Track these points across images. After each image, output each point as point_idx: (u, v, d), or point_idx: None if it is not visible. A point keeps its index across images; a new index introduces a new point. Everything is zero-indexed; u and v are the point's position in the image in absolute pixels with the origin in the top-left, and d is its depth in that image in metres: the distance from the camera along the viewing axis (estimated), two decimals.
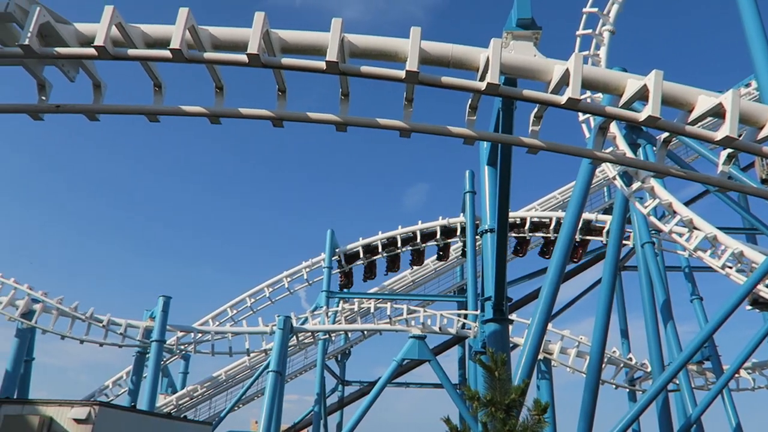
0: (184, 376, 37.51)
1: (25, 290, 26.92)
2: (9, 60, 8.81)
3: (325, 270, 33.66)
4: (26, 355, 29.19)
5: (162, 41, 8.58)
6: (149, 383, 26.98)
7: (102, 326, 27.92)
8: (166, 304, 28.26)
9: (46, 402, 14.41)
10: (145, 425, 17.08)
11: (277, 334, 25.33)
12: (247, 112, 9.11)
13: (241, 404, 34.82)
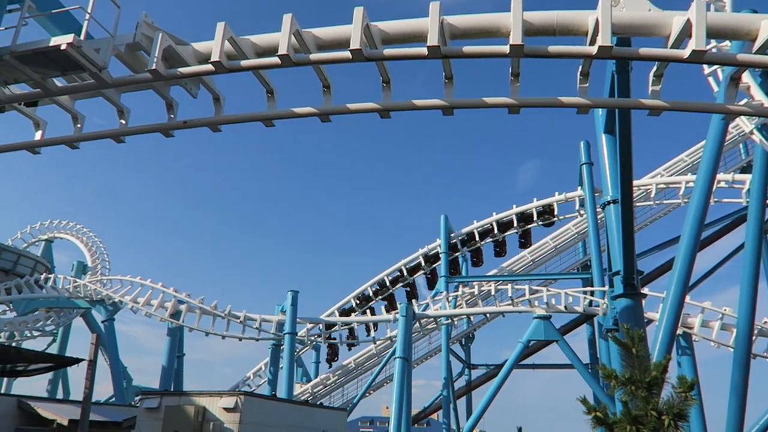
0: (316, 365, 39.32)
1: (171, 293, 29.55)
2: (140, 85, 9.68)
3: (442, 255, 33.70)
4: (178, 352, 32.14)
5: (270, 49, 8.99)
6: (286, 373, 28.58)
7: (239, 322, 29.98)
8: (295, 298, 29.75)
9: (199, 393, 15.70)
10: (286, 412, 18.10)
11: (401, 321, 25.78)
12: (355, 107, 9.31)
13: (372, 390, 35.88)
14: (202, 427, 14.83)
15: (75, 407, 19.93)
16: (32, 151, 10.87)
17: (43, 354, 20.70)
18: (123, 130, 10.24)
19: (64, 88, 9.65)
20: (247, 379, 38.00)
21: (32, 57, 8.57)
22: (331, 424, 19.91)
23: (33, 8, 8.79)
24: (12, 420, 18.80)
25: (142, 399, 16.51)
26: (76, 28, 8.80)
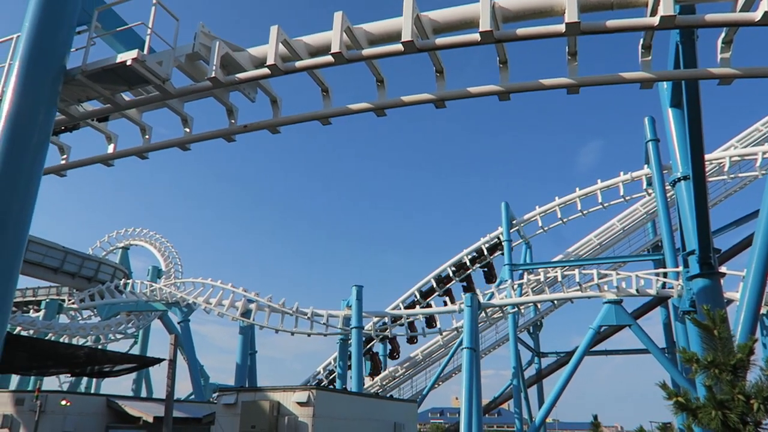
0: (384, 358, 39.66)
1: (241, 293, 30.51)
2: (201, 93, 10.01)
3: (505, 243, 33.23)
4: (250, 349, 33.18)
5: (323, 48, 9.09)
6: (355, 367, 28.99)
7: (307, 318, 30.62)
8: (359, 292, 30.11)
9: (273, 389, 16.15)
10: (357, 405, 18.36)
11: (466, 312, 25.60)
12: (410, 99, 9.29)
13: (441, 382, 35.87)
14: (277, 421, 15.24)
15: (158, 405, 20.92)
16: (106, 164, 11.47)
17: (127, 355, 21.82)
18: (188, 138, 10.64)
19: (131, 102, 10.11)
20: (317, 373, 38.78)
21: (101, 74, 9.02)
22: (402, 415, 20.04)
23: (99, 28, 9.24)
24: (102, 418, 19.92)
25: (219, 396, 17.13)
26: (140, 43, 9.20)
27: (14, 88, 8.48)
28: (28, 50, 8.62)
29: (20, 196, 8.25)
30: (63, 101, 9.50)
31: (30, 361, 14.22)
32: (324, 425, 15.29)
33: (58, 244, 36.05)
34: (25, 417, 18.24)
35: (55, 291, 39.87)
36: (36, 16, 8.76)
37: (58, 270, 36.02)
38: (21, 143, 8.34)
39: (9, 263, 8.01)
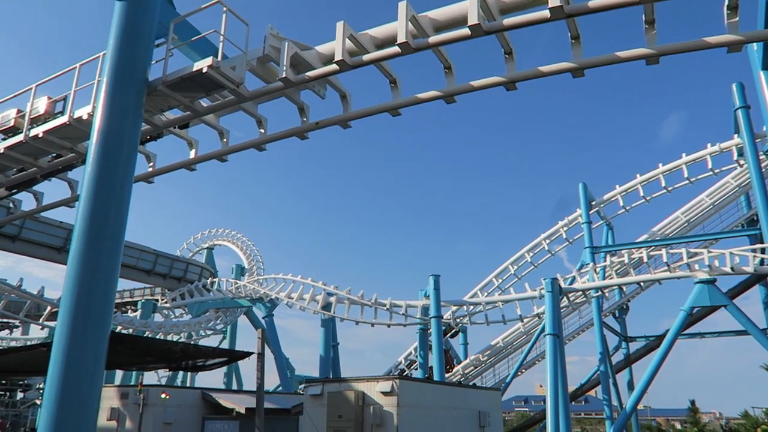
0: (464, 347, 39.48)
1: (321, 287, 31.23)
2: (273, 94, 10.28)
3: (584, 226, 32.15)
4: (332, 341, 33.93)
5: (389, 39, 9.10)
6: (435, 356, 29.02)
7: (386, 309, 30.93)
8: (437, 282, 30.07)
9: (357, 379, 16.44)
10: (440, 393, 18.37)
11: (547, 297, 25.02)
12: (479, 83, 9.15)
13: (524, 369, 35.29)
14: (362, 410, 15.51)
15: (249, 396, 21.82)
16: (189, 169, 12.03)
17: (218, 350, 22.88)
18: (263, 139, 10.97)
19: (209, 108, 10.54)
20: (399, 363, 39.12)
21: (180, 83, 9.45)
22: (486, 403, 19.88)
23: (176, 39, 9.68)
24: (198, 410, 21.03)
25: (306, 387, 17.64)
26: (213, 50, 9.56)
27: (104, 104, 9.04)
28: (114, 66, 9.16)
29: (115, 204, 8.80)
30: (147, 112, 10.04)
31: (131, 357, 15.21)
32: (409, 414, 15.41)
33: (149, 248, 38.28)
34: (130, 409, 19.56)
35: (149, 291, 42.39)
36: (118, 34, 9.28)
37: (151, 272, 38.29)
38: (112, 154, 8.89)
39: (109, 267, 8.58)
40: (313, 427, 15.93)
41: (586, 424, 71.90)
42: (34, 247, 31.09)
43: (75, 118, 10.77)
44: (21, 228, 29.50)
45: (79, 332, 8.11)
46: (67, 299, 8.23)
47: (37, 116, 11.52)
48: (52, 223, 31.10)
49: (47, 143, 11.64)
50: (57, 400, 7.77)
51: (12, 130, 12.02)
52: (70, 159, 12.55)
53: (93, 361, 8.16)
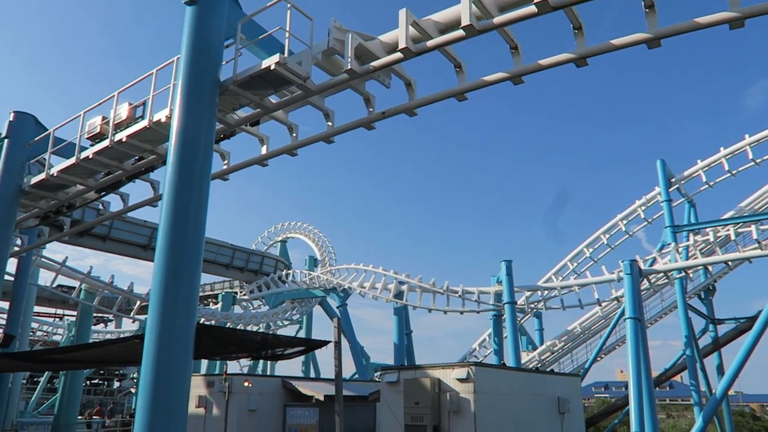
0: (540, 332, 38.75)
1: (392, 276, 31.49)
2: (339, 87, 10.40)
3: (664, 204, 30.67)
4: (406, 329, 34.15)
5: (452, 23, 8.98)
6: (510, 342, 28.67)
7: (458, 296, 30.81)
8: (509, 267, 29.64)
9: (432, 366, 16.48)
10: (517, 380, 18.12)
11: (626, 280, 24.11)
12: (547, 62, 8.89)
13: (603, 354, 34.24)
14: (439, 397, 15.54)
15: (327, 384, 22.35)
16: (261, 164, 12.39)
17: (296, 339, 23.51)
18: (331, 131, 11.13)
19: (278, 104, 10.79)
20: (473, 350, 38.93)
21: (250, 81, 9.73)
22: (565, 389, 19.42)
23: (243, 39, 9.95)
24: (279, 397, 21.76)
25: (382, 374, 17.85)
26: (279, 47, 9.77)
27: (180, 106, 9.45)
28: (187, 70, 9.54)
29: (194, 202, 9.20)
30: (220, 111, 10.40)
31: (215, 347, 15.84)
32: (486, 400, 15.30)
33: (226, 242, 39.83)
34: (215, 397, 20.50)
35: (228, 285, 44.15)
36: (190, 38, 9.66)
37: (229, 266, 39.88)
38: (190, 154, 9.29)
39: (192, 262, 9.00)
40: (391, 414, 16.13)
41: (671, 411, 69.07)
42: (122, 246, 33.06)
43: (154, 121, 11.32)
44: (110, 228, 31.42)
45: (168, 324, 8.56)
46: (156, 294, 8.70)
47: (120, 122, 12.18)
48: (137, 222, 32.92)
49: (130, 147, 12.30)
50: (151, 388, 8.25)
51: (98, 136, 12.77)
52: (151, 161, 13.21)
53: (182, 352, 8.60)
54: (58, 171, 13.91)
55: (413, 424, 15.42)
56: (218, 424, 19.06)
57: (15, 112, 15.78)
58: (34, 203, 16.01)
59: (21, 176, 15.27)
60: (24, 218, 16.52)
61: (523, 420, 16.62)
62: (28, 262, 22.88)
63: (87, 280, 30.04)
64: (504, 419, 15.80)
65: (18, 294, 21.93)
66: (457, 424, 14.99)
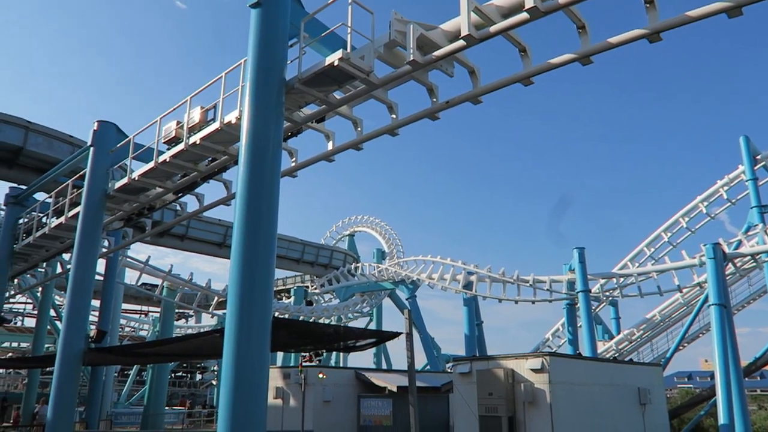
0: (616, 321, 37.50)
1: (460, 266, 31.31)
2: (402, 79, 10.39)
3: (749, 183, 28.90)
4: (476, 320, 33.90)
5: (516, 6, 8.77)
6: (585, 332, 27.89)
7: (529, 285, 30.27)
8: (581, 255, 28.81)
9: (506, 356, 16.28)
10: (594, 370, 17.63)
11: (709, 264, 22.87)
12: (617, 39, 8.54)
13: (686, 343, 32.71)
14: (513, 388, 15.34)
15: (399, 375, 22.54)
16: (328, 160, 12.59)
17: (367, 331, 23.92)
18: (395, 124, 11.16)
19: (342, 99, 10.92)
20: (546, 340, 38.16)
21: (314, 79, 9.90)
22: (646, 380, 18.71)
23: (307, 37, 10.12)
24: (353, 388, 22.16)
25: (454, 365, 17.80)
26: (341, 42, 9.86)
27: (248, 106, 9.74)
28: (255, 71, 9.81)
29: (266, 199, 9.48)
30: (287, 110, 10.63)
31: (289, 340, 16.33)
32: (561, 391, 14.99)
33: (297, 238, 40.79)
34: (292, 389, 21.11)
35: (300, 279, 45.24)
36: (256, 40, 9.92)
37: (300, 260, 40.83)
38: (260, 154, 9.57)
39: (266, 258, 9.28)
40: (465, 405, 16.07)
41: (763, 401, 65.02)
42: (198, 244, 34.51)
43: (225, 123, 11.71)
44: (187, 227, 32.87)
45: (245, 319, 8.88)
46: (234, 289, 9.04)
47: (193, 125, 12.69)
48: (212, 221, 34.27)
49: (204, 149, 12.80)
50: (233, 380, 8.60)
51: (174, 140, 13.36)
52: (224, 161, 13.70)
53: (260, 344, 8.90)
54: (139, 175, 14.68)
55: (487, 415, 15.31)
56: (296, 414, 19.62)
57: (99, 122, 16.76)
58: (119, 206, 16.96)
59: (106, 181, 16.22)
60: (110, 221, 17.53)
61: (602, 411, 16.16)
62: (116, 262, 24.32)
63: (168, 278, 31.61)
64: (581, 410, 15.42)
65: (107, 292, 23.35)
66: (533, 415, 14.77)
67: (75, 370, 15.32)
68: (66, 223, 17.94)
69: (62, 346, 15.15)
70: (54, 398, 14.80)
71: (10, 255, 22.11)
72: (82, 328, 15.75)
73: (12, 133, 23.25)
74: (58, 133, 24.55)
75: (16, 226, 22.09)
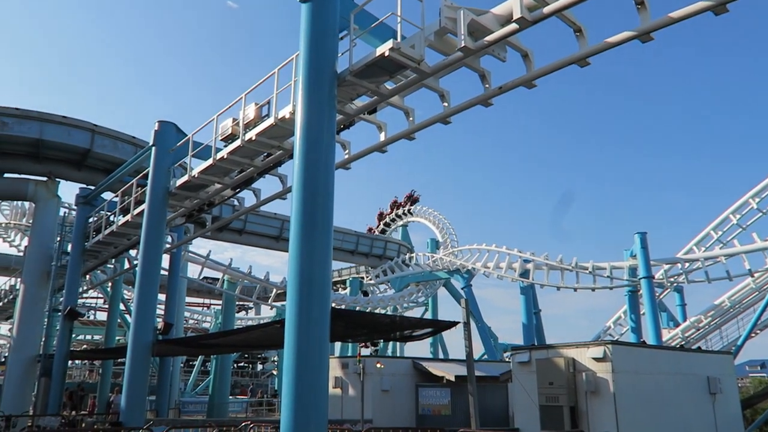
0: (681, 308, 36.18)
1: (516, 254, 30.86)
2: (453, 66, 10.27)
3: None
4: (534, 308, 33.38)
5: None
6: (649, 319, 27.06)
7: (588, 272, 29.53)
8: (644, 239, 27.91)
9: (566, 345, 15.97)
10: (661, 358, 17.06)
11: None
12: (679, 13, 8.16)
13: (758, 330, 31.20)
14: (574, 377, 15.05)
15: (456, 365, 22.48)
16: (381, 151, 12.61)
17: (424, 320, 23.94)
18: (448, 112, 11.05)
19: (394, 89, 10.89)
20: (608, 328, 37.23)
21: (365, 70, 9.91)
22: (716, 368, 17.96)
23: (357, 29, 10.14)
24: (411, 378, 22.25)
25: (513, 354, 17.61)
26: (391, 32, 9.82)
27: (302, 101, 9.86)
28: (307, 65, 9.91)
29: (321, 192, 9.58)
30: (339, 102, 10.70)
31: (347, 330, 16.54)
32: (625, 380, 14.60)
33: (350, 230, 41.18)
34: (350, 378, 21.40)
35: (355, 270, 45.70)
36: (307, 34, 10.01)
37: (354, 252, 41.22)
38: (315, 147, 9.67)
39: (323, 250, 9.40)
40: (524, 394, 15.89)
41: None
42: (256, 238, 35.38)
43: (279, 118, 11.90)
44: (245, 222, 33.74)
45: (305, 310, 9.04)
46: (293, 282, 9.21)
47: (248, 122, 12.97)
48: (268, 215, 35.04)
49: (259, 144, 13.06)
50: (294, 370, 8.77)
51: (231, 137, 13.71)
52: (279, 156, 13.94)
53: (319, 335, 9.05)
54: (198, 172, 15.14)
55: (548, 404, 15.09)
56: (355, 403, 19.90)
57: (159, 122, 17.38)
58: (180, 203, 17.56)
59: (168, 179, 16.82)
60: (173, 217, 18.19)
61: (669, 401, 15.64)
62: (179, 257, 25.26)
63: (228, 271, 32.58)
64: (647, 400, 14.99)
65: (172, 286, 24.30)
66: (596, 405, 14.45)
67: (145, 361, 16.03)
68: (132, 221, 18.73)
69: (132, 338, 15.88)
70: (127, 387, 15.55)
71: (82, 252, 23.29)
72: (150, 320, 16.46)
73: (80, 136, 24.46)
74: (122, 135, 25.66)
75: (87, 225, 23.24)
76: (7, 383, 23.52)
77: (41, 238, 25.16)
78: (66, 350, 22.31)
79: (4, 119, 23.38)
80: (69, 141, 24.22)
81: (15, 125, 23.45)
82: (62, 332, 22.53)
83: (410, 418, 21.07)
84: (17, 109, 23.74)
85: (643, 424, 14.59)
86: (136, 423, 14.45)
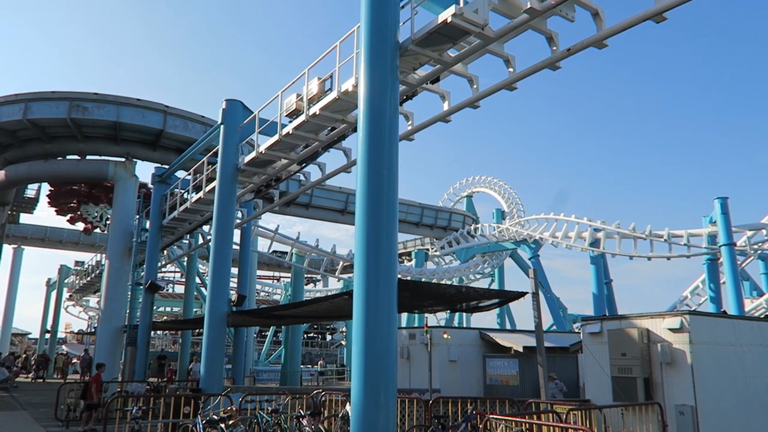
0: (766, 276, 34.22)
1: (586, 223, 29.98)
2: (519, 29, 9.94)
3: None
4: (605, 278, 32.47)
5: None
6: (731, 288, 25.77)
7: (663, 240, 28.35)
8: (724, 205, 26.42)
9: (640, 315, 15.46)
10: (743, 329, 16.23)
11: None
12: None
13: None
14: (649, 348, 14.61)
15: (524, 336, 22.27)
16: (445, 121, 12.45)
17: (492, 291, 23.75)
18: (514, 77, 10.73)
19: (457, 57, 10.67)
20: (684, 298, 35.79)
21: (428, 38, 9.74)
22: None
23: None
24: (478, 348, 22.24)
25: (584, 325, 17.23)
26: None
27: (364, 73, 9.81)
28: (368, 36, 9.84)
29: (386, 164, 9.57)
30: (402, 73, 10.59)
31: (413, 301, 16.65)
32: (704, 352, 14.01)
33: (415, 201, 41.19)
34: (416, 349, 21.63)
35: (420, 242, 45.80)
36: (368, 5, 9.90)
37: (419, 224, 41.26)
38: (378, 119, 9.64)
39: (389, 222, 9.45)
40: (596, 365, 15.57)
41: None
42: (322, 212, 36.04)
43: (342, 91, 11.93)
44: (311, 196, 34.40)
45: (372, 281, 9.15)
46: (360, 254, 9.32)
47: (312, 97, 13.08)
48: (333, 189, 35.55)
49: (323, 118, 13.17)
50: (363, 340, 8.94)
51: (295, 112, 13.89)
52: (342, 129, 14.02)
53: (387, 305, 9.15)
54: (265, 148, 15.48)
55: (621, 375, 14.73)
56: (423, 373, 20.12)
57: (226, 100, 17.83)
58: (249, 179, 18.06)
59: (236, 156, 17.31)
60: (242, 193, 18.75)
61: (753, 374, 14.92)
62: (249, 232, 26.10)
63: (297, 245, 33.41)
64: (727, 373, 14.35)
65: (244, 260, 25.19)
66: (672, 377, 13.99)
67: (221, 331, 16.78)
68: (204, 198, 19.45)
69: (209, 310, 16.63)
70: (205, 356, 16.36)
71: (159, 229, 24.48)
72: (224, 293, 17.16)
73: (153, 117, 25.52)
74: (191, 115, 26.56)
75: (163, 203, 24.36)
76: (98, 352, 25.31)
77: (122, 217, 26.62)
78: (148, 321, 23.66)
79: (85, 104, 24.68)
80: (144, 122, 25.35)
81: (94, 109, 24.72)
82: (144, 304, 23.89)
83: (478, 388, 21.12)
84: (96, 94, 24.98)
85: (723, 396, 14.02)
86: (215, 390, 15.18)
